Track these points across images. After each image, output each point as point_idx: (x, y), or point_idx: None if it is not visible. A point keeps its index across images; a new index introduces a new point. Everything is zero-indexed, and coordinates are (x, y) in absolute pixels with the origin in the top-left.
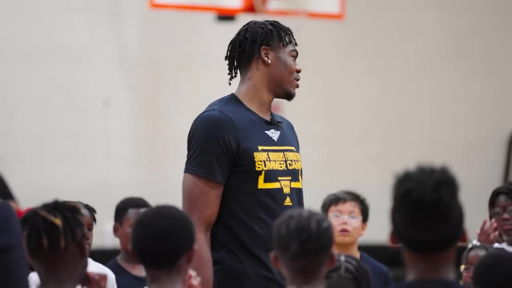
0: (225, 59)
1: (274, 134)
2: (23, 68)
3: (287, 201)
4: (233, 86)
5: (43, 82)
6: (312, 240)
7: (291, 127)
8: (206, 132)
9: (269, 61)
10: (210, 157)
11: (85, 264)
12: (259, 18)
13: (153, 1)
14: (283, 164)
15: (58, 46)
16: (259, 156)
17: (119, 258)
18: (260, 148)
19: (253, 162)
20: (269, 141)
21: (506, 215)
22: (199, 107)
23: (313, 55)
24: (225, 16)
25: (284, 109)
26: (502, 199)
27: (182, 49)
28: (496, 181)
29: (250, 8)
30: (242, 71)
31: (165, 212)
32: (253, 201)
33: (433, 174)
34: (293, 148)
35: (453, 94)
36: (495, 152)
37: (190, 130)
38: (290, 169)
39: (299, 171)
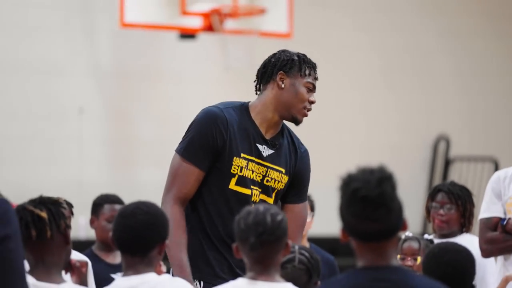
0: (256, 76)
1: (265, 150)
2: (7, 80)
3: None
4: (186, 98)
5: (25, 92)
6: (267, 233)
7: (302, 155)
8: (201, 124)
9: (283, 86)
10: (197, 146)
11: (69, 252)
12: (217, 36)
13: (123, 21)
14: (260, 176)
15: (39, 60)
16: (237, 162)
17: (94, 247)
18: (242, 155)
19: (230, 164)
20: (256, 154)
21: (441, 211)
22: (163, 114)
23: None
24: (187, 34)
25: None
26: (441, 196)
27: (148, 63)
28: (423, 181)
29: (209, 28)
30: (262, 88)
31: (144, 207)
32: (221, 197)
33: (373, 173)
34: (281, 169)
35: (385, 105)
36: (422, 156)
37: (195, 117)
38: (265, 184)
39: (275, 190)
